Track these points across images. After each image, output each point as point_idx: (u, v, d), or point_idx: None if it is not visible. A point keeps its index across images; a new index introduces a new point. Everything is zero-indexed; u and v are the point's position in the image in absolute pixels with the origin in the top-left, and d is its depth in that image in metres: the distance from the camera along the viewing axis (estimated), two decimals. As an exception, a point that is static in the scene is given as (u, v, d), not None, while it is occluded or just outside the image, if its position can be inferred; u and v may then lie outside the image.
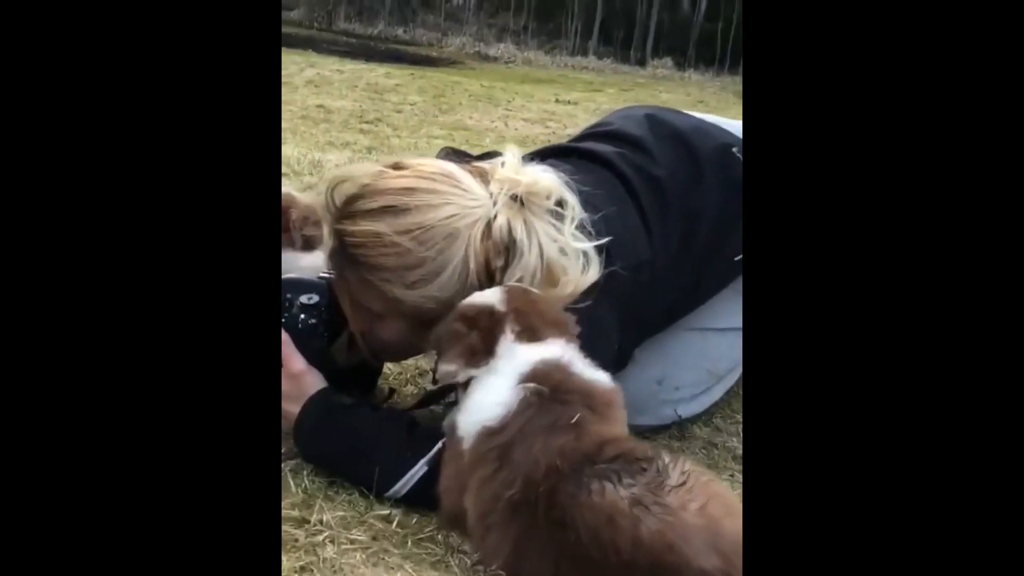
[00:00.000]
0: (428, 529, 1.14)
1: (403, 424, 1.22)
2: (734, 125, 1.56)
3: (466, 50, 12.14)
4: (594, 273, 1.20)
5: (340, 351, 1.27)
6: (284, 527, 1.08)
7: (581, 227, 1.23)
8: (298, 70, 6.49)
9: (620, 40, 13.81)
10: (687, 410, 1.55)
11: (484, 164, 1.27)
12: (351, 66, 7.52)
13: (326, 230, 1.27)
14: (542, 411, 1.05)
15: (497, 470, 1.04)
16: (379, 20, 12.82)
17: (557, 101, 6.48)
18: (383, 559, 1.07)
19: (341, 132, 4.04)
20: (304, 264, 1.40)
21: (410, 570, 1.05)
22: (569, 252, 1.20)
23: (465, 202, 1.19)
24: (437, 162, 1.26)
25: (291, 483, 1.17)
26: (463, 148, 1.74)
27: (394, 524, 1.13)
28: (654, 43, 13.79)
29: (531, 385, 1.06)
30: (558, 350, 1.11)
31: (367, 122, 4.48)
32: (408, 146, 3.95)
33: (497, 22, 14.34)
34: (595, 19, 14.09)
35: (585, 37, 13.98)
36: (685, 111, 1.68)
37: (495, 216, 1.18)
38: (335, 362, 1.26)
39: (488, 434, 1.06)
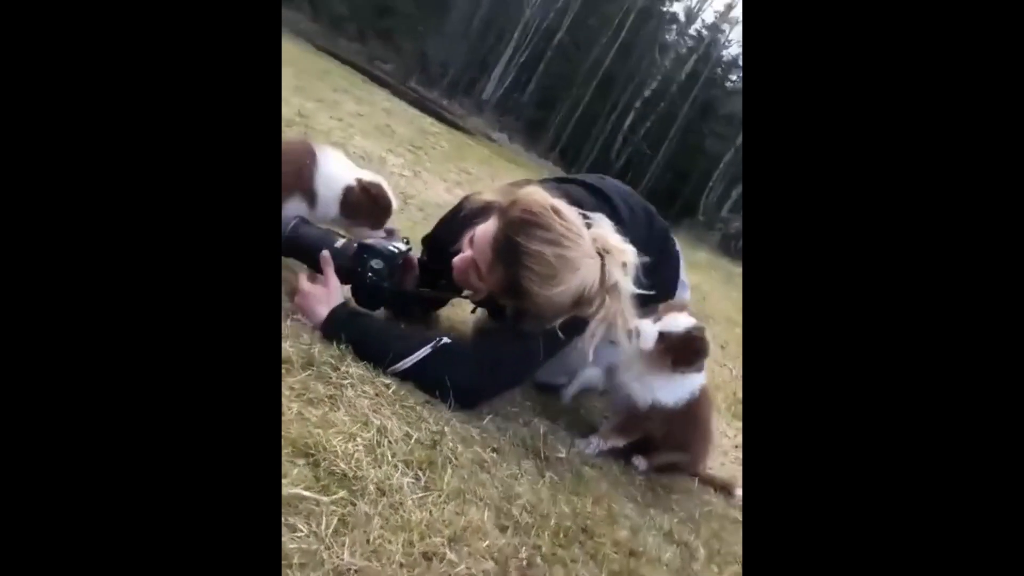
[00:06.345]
0: (411, 401, 1.65)
1: (401, 327, 1.85)
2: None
3: (479, 129, 18.80)
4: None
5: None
6: (323, 368, 1.59)
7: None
8: (379, 100, 9.61)
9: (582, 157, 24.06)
10: None
11: (590, 215, 1.80)
12: (412, 111, 11.08)
13: (498, 226, 1.75)
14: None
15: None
16: (434, 90, 20.44)
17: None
18: (379, 410, 1.55)
19: (398, 146, 5.93)
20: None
21: (395, 420, 1.54)
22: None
23: (588, 250, 1.72)
24: (578, 219, 1.76)
25: (333, 344, 1.70)
26: (460, 184, 2.35)
27: (390, 391, 1.65)
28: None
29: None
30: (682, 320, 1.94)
31: (414, 146, 6.53)
32: (433, 170, 6.02)
33: (503, 120, 23.32)
34: (561, 141, 23.98)
35: (552, 150, 22.68)
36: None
37: (606, 270, 1.72)
38: (377, 304, 1.88)
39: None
